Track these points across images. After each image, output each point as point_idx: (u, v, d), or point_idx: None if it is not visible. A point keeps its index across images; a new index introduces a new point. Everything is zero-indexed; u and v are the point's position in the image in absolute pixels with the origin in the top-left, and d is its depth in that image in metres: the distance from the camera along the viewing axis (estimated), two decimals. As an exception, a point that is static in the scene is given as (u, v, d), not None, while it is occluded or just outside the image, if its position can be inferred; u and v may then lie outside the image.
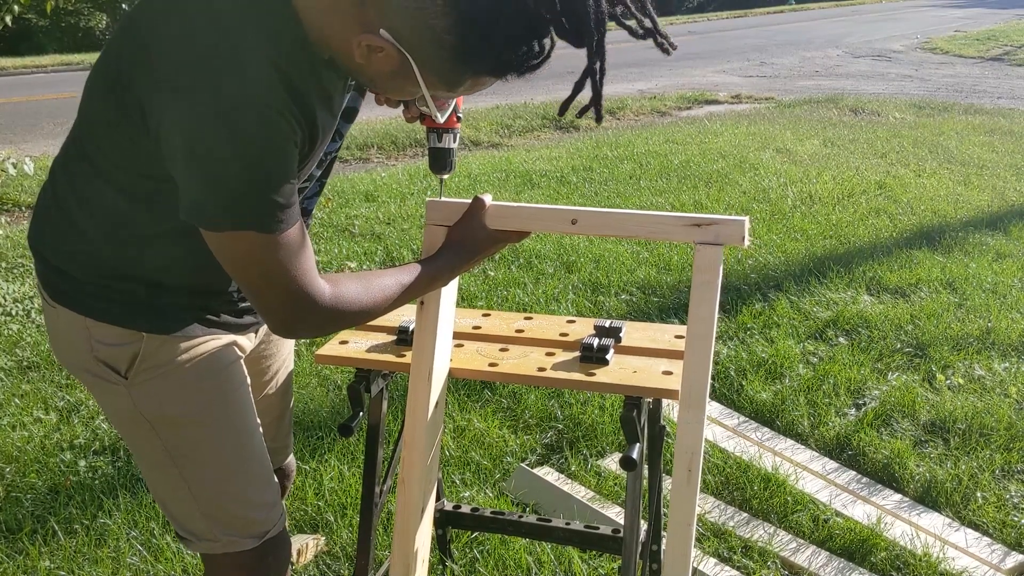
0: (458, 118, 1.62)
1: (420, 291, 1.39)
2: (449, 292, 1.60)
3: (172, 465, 1.41)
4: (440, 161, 1.62)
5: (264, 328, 1.57)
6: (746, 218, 1.44)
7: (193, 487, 1.42)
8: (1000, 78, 12.46)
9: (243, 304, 1.45)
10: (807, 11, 26.84)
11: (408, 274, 1.35)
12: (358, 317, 1.27)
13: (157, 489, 1.46)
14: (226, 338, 1.43)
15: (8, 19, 4.44)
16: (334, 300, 1.22)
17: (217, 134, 1.07)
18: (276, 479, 1.54)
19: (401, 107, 1.51)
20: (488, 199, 1.54)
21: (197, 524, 1.45)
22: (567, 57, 1.65)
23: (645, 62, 13.95)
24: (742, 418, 2.99)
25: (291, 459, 1.83)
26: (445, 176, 1.63)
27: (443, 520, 2.10)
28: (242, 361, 1.47)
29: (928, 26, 20.68)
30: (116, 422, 1.41)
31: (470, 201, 1.55)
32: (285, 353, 1.69)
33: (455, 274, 1.49)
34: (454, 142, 1.62)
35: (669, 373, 1.56)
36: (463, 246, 1.49)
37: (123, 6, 18.32)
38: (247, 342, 1.51)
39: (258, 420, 1.49)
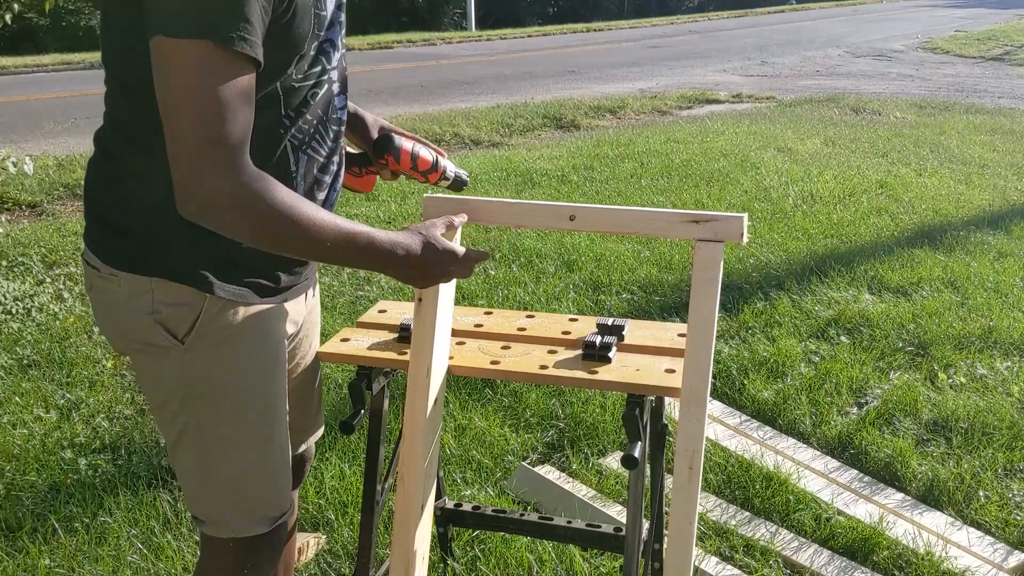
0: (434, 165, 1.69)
1: (342, 247, 1.27)
2: (447, 289, 1.60)
3: (200, 438, 1.42)
4: (458, 185, 1.74)
5: (311, 297, 1.58)
6: (744, 215, 1.44)
7: (217, 462, 1.43)
8: (1001, 78, 12.45)
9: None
10: (808, 11, 26.84)
11: (344, 223, 1.27)
12: (268, 220, 1.18)
13: (180, 462, 1.47)
14: (279, 310, 1.45)
15: (8, 17, 4.44)
16: (252, 179, 1.16)
17: None
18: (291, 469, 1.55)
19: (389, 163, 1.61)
20: (462, 219, 1.55)
21: (211, 505, 1.46)
22: (568, 56, 1.65)
23: (646, 61, 13.96)
24: (744, 417, 2.99)
25: (311, 447, 1.82)
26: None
27: (444, 518, 2.09)
28: (284, 340, 1.49)
29: (929, 26, 20.67)
30: (157, 391, 1.42)
31: (466, 198, 1.55)
32: (316, 331, 1.70)
33: (387, 263, 1.34)
34: (451, 170, 1.71)
35: (672, 371, 1.55)
36: (412, 240, 1.37)
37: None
38: (297, 311, 1.53)
39: (287, 406, 1.51)
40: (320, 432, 1.80)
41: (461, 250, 1.42)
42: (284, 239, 1.22)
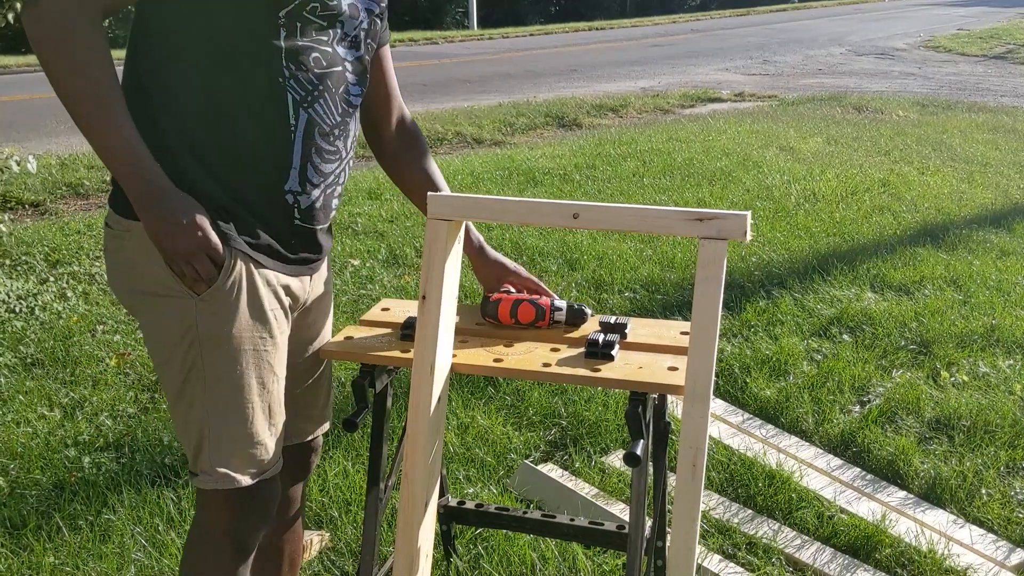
0: None
1: (104, 124, 1.33)
2: (450, 286, 1.60)
3: (203, 385, 1.46)
4: (575, 321, 1.77)
5: (318, 280, 1.64)
6: (747, 213, 1.44)
7: (217, 410, 1.47)
8: (1003, 76, 12.44)
9: (300, 219, 1.49)
10: (810, 9, 26.82)
11: (118, 116, 1.33)
12: (53, 41, 1.28)
13: (181, 412, 1.50)
14: (287, 281, 1.52)
15: (10, 16, 4.44)
16: (77, 8, 1.28)
17: None
18: (281, 435, 1.57)
19: None
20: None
21: (207, 454, 1.49)
22: (569, 55, 1.66)
23: (648, 60, 13.95)
24: (746, 415, 2.99)
25: (319, 439, 1.83)
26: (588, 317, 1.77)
27: (447, 516, 2.10)
28: (287, 311, 1.54)
29: (931, 24, 20.64)
30: (166, 338, 1.45)
31: (471, 196, 1.55)
32: (326, 320, 1.74)
33: (134, 182, 1.35)
34: (561, 311, 1.77)
35: (675, 369, 1.56)
36: (180, 198, 1.37)
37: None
38: (300, 288, 1.57)
39: (284, 372, 1.55)
40: (327, 425, 1.81)
41: (215, 241, 1.39)
42: (55, 75, 1.30)
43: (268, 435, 1.53)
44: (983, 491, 2.55)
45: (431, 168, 1.78)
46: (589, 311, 1.76)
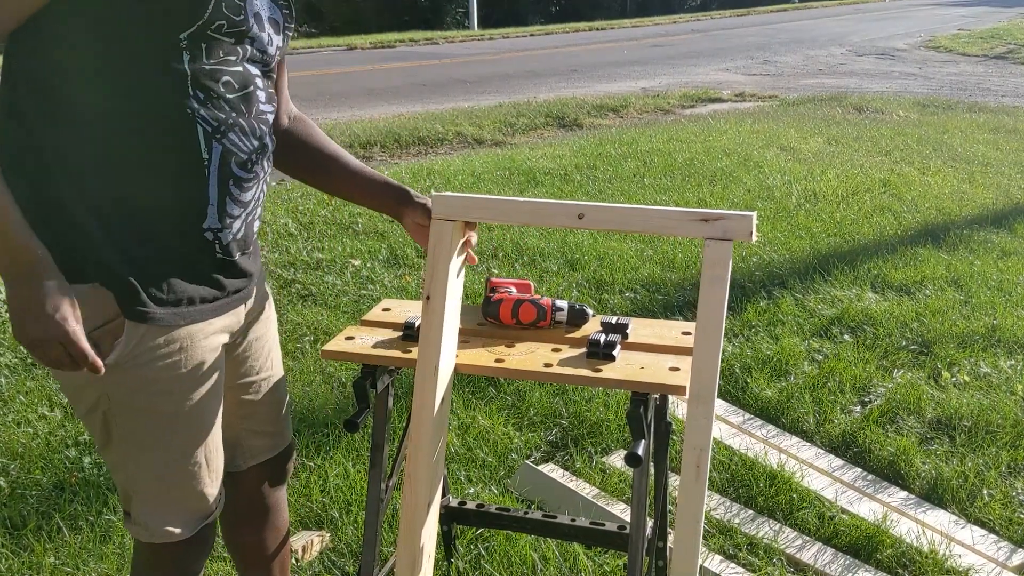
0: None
1: None
2: (455, 287, 1.60)
3: (122, 453, 1.43)
4: (576, 321, 1.76)
5: (255, 305, 1.56)
6: (753, 213, 1.44)
7: (139, 473, 1.44)
8: (1004, 76, 12.43)
9: (222, 254, 1.40)
10: (810, 9, 26.81)
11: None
12: None
13: (108, 462, 1.48)
14: (212, 327, 1.43)
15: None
16: None
17: None
18: (221, 476, 1.54)
19: None
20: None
21: (136, 509, 1.47)
22: (570, 56, 1.65)
23: (648, 60, 13.95)
24: (747, 415, 2.99)
25: (291, 443, 1.80)
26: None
27: (448, 516, 2.09)
28: (220, 354, 1.46)
29: (931, 24, 20.64)
30: (79, 403, 1.41)
31: (475, 196, 1.54)
32: (268, 347, 1.66)
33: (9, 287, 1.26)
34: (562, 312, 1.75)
35: (676, 369, 1.55)
36: (48, 286, 1.24)
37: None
38: (234, 321, 1.50)
39: (219, 417, 1.50)
40: (285, 442, 1.77)
41: (74, 332, 1.25)
42: None
43: (205, 485, 1.50)
44: (984, 491, 2.55)
45: (320, 140, 1.66)
46: (591, 311, 1.75)
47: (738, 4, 28.22)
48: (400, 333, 1.75)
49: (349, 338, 1.74)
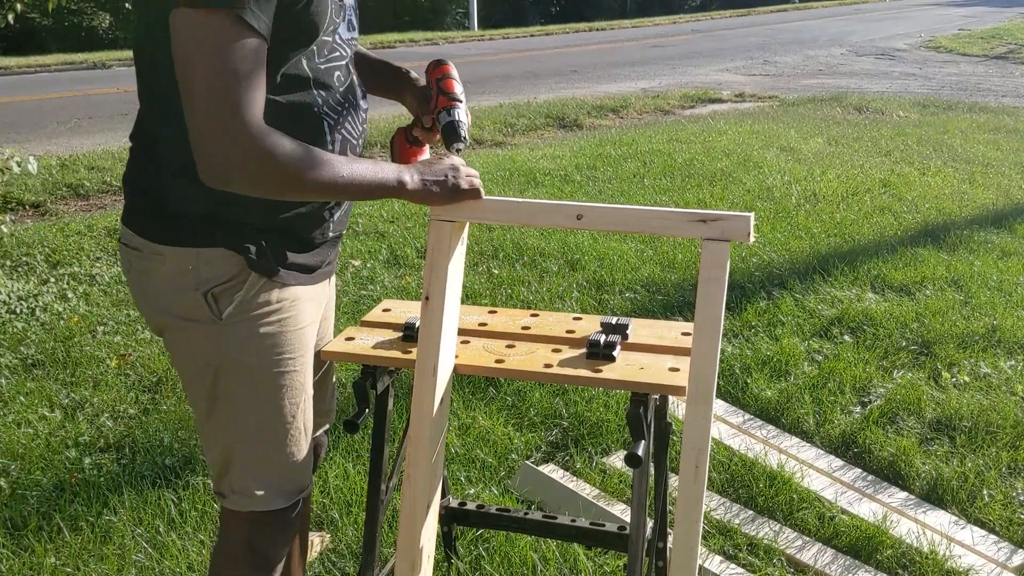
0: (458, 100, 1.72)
1: (359, 182, 1.38)
2: (454, 288, 1.60)
3: (231, 410, 1.47)
4: (451, 134, 1.67)
5: (332, 281, 1.66)
6: (751, 214, 1.44)
7: (245, 434, 1.48)
8: (1004, 76, 12.44)
9: (332, 230, 1.53)
10: (810, 10, 26.81)
11: (351, 160, 1.38)
12: (286, 167, 1.27)
13: (209, 434, 1.51)
14: (311, 292, 1.52)
15: (10, 17, 4.43)
16: (263, 135, 1.24)
17: None
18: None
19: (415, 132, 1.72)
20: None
21: (235, 477, 1.50)
22: (571, 56, 1.66)
23: (649, 60, 13.95)
24: (747, 416, 2.99)
25: (324, 436, 1.85)
26: (460, 147, 1.65)
27: (448, 517, 2.09)
28: (317, 320, 1.56)
29: (932, 24, 20.65)
30: (191, 364, 1.47)
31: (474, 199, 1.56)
32: (332, 316, 1.76)
33: (402, 190, 1.46)
34: (462, 116, 1.69)
35: (676, 370, 1.56)
36: (419, 167, 1.50)
37: (126, 5, 18.34)
38: (323, 294, 1.59)
39: (312, 386, 1.56)
40: (330, 422, 1.83)
41: (459, 160, 1.54)
42: (303, 184, 1.31)
43: (302, 452, 1.55)
44: (985, 492, 2.55)
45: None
46: (464, 136, 1.66)
47: (738, 4, 28.22)
48: (400, 334, 1.76)
49: (349, 339, 1.74)
